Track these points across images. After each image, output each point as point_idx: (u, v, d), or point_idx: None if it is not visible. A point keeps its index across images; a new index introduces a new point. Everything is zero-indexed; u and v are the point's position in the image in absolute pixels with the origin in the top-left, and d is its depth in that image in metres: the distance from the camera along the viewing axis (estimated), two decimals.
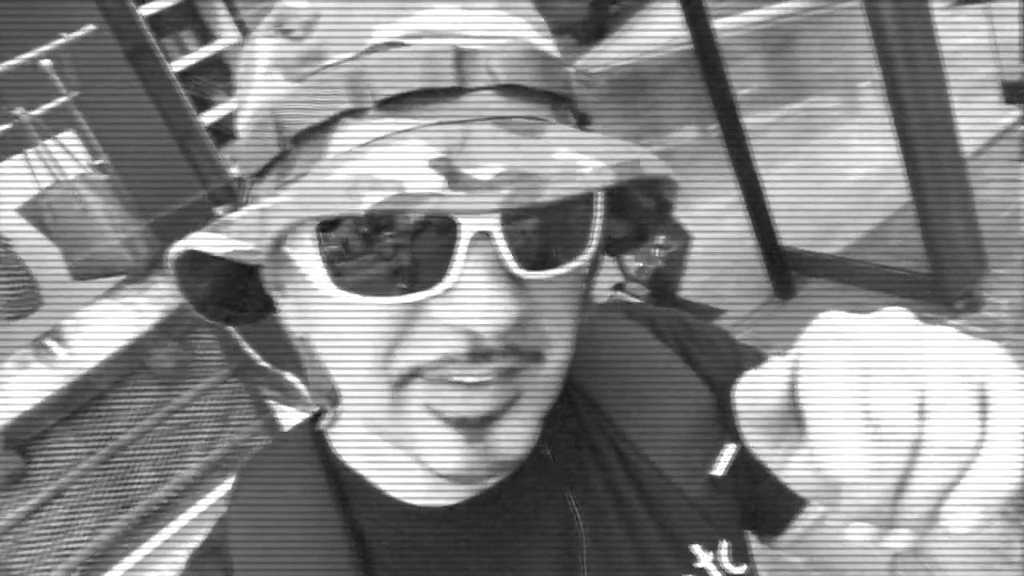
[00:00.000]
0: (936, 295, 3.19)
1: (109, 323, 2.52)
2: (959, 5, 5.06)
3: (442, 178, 0.44)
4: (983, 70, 3.88)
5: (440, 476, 0.54)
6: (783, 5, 7.04)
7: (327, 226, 0.49)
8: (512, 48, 0.50)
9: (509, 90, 0.50)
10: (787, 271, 3.70)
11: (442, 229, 0.47)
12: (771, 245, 3.68)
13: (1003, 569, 0.55)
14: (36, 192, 2.54)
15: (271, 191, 0.52)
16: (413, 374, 0.51)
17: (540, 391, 0.55)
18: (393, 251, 0.48)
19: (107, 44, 2.84)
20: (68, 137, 2.65)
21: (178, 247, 0.52)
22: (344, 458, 0.65)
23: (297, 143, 0.50)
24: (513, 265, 0.48)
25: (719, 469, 0.69)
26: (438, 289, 0.48)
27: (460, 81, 0.48)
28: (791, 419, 0.43)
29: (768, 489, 0.73)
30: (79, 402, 2.43)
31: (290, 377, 2.59)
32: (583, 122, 0.56)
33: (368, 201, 0.43)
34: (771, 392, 0.42)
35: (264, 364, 2.64)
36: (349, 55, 0.49)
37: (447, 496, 0.63)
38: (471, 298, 0.47)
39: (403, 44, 0.49)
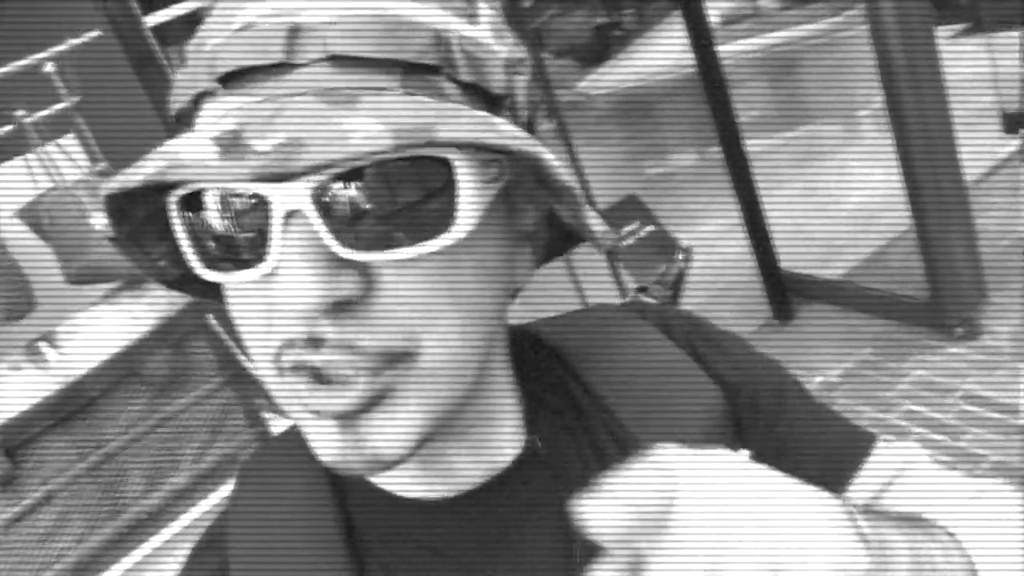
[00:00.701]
0: (935, 322, 3.19)
1: (103, 328, 2.50)
2: (961, 36, 5.10)
3: (217, 149, 0.44)
4: (984, 100, 3.90)
5: (325, 466, 0.53)
6: (782, 34, 7.10)
7: (184, 207, 0.50)
8: (353, 18, 0.49)
9: (344, 61, 0.49)
10: (786, 294, 3.70)
11: (259, 209, 0.47)
12: (770, 268, 3.68)
13: None
14: (34, 196, 2.53)
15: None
16: (277, 363, 0.51)
17: (417, 388, 0.52)
18: (227, 231, 0.49)
19: (111, 50, 2.84)
20: (69, 141, 2.65)
21: (98, 218, 0.53)
22: None
23: (183, 126, 0.53)
24: (333, 244, 0.47)
25: None
26: (263, 268, 0.48)
27: (288, 56, 0.48)
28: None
29: (831, 445, 0.72)
30: (71, 407, 2.41)
31: None
32: (471, 89, 0.53)
33: (143, 172, 0.45)
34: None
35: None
36: (218, 40, 0.50)
37: (438, 490, 0.62)
38: (284, 276, 0.47)
39: (254, 25, 0.49)
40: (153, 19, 3.41)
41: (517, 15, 3.78)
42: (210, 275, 0.51)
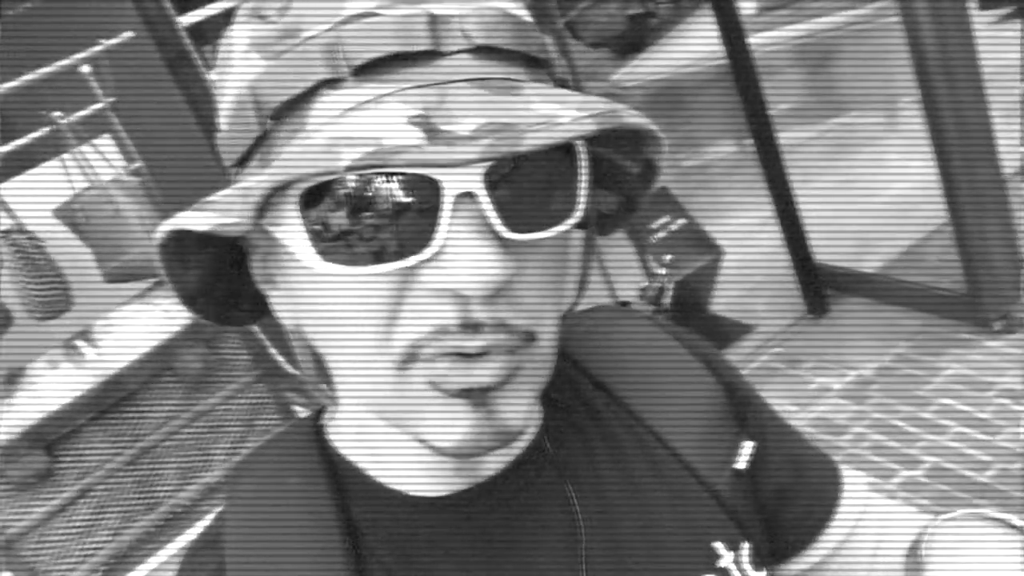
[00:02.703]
0: (973, 316, 3.13)
1: (138, 325, 2.55)
2: (1003, 22, 4.98)
3: (421, 132, 0.44)
4: (1021, 92, 3.81)
5: (443, 452, 0.53)
6: (823, 20, 6.99)
7: (310, 197, 0.48)
8: (486, 12, 0.50)
9: (485, 52, 0.50)
10: (821, 288, 3.65)
11: (425, 192, 0.47)
12: (805, 261, 3.63)
13: None
14: (71, 195, 2.58)
15: (254, 173, 0.51)
16: (412, 354, 0.50)
17: (536, 369, 0.54)
18: (378, 218, 0.48)
19: (146, 51, 2.88)
20: (104, 142, 2.69)
21: (162, 228, 0.52)
22: (342, 451, 0.65)
23: (277, 119, 0.50)
24: (499, 226, 0.47)
25: (741, 463, 0.68)
26: (425, 253, 0.47)
27: (435, 44, 0.48)
28: None
29: (793, 515, 0.72)
30: (107, 403, 2.46)
31: (322, 385, 2.60)
32: (562, 87, 0.55)
33: (347, 158, 0.43)
34: None
35: (290, 369, 2.66)
36: (324, 27, 0.49)
37: (444, 485, 0.62)
38: (458, 259, 0.47)
39: (376, 13, 0.49)
40: (187, 19, 3.45)
41: (546, 8, 3.76)
42: (334, 269, 0.49)
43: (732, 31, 3.33)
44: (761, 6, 7.37)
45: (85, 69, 2.57)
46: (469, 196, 0.47)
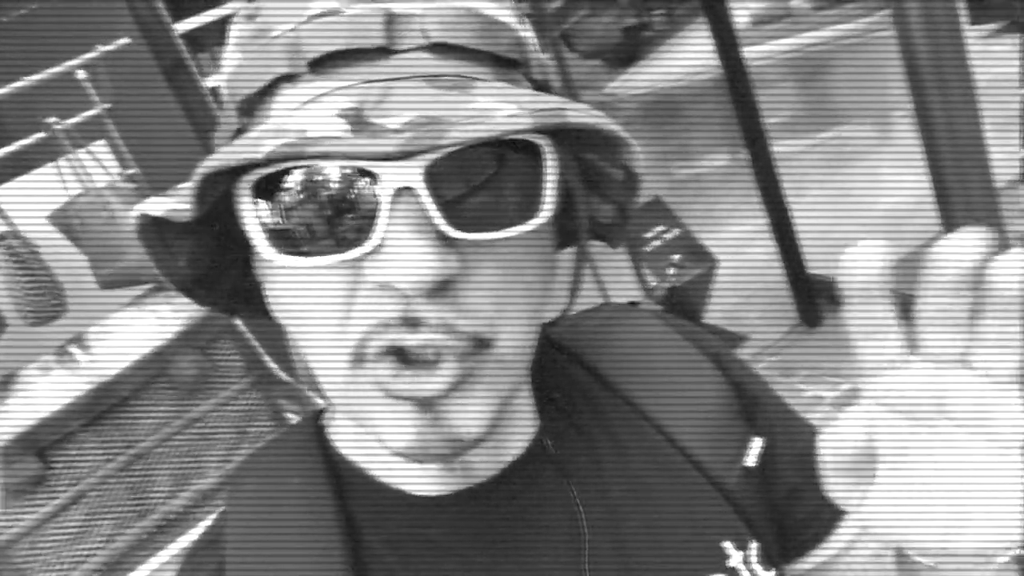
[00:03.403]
0: None
1: (132, 331, 2.54)
2: (995, 36, 5.02)
3: (346, 124, 0.44)
4: (1018, 102, 3.83)
5: (397, 454, 0.52)
6: (816, 33, 7.03)
7: (262, 190, 0.49)
8: (448, 11, 0.50)
9: (443, 49, 0.50)
10: (814, 299, 3.66)
11: (365, 186, 0.47)
12: (798, 272, 3.64)
13: None
14: (65, 200, 2.58)
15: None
16: (362, 350, 0.50)
17: (492, 376, 0.53)
18: (320, 211, 0.48)
19: (142, 56, 2.88)
20: (99, 147, 2.68)
21: (132, 213, 0.53)
22: (343, 451, 0.65)
23: (248, 114, 0.52)
24: (440, 222, 0.47)
25: (750, 460, 0.68)
26: (366, 247, 0.47)
27: (389, 41, 0.49)
28: (866, 464, 0.47)
29: (803, 514, 0.72)
30: (100, 409, 2.45)
31: (309, 390, 2.60)
32: (542, 90, 0.56)
33: (267, 147, 0.44)
34: (852, 443, 0.46)
35: (284, 377, 2.65)
36: (290, 26, 0.51)
37: (444, 485, 0.62)
38: (394, 253, 0.47)
39: (338, 12, 0.50)
40: (183, 26, 3.45)
41: (542, 17, 3.78)
42: (285, 260, 0.49)
43: (727, 43, 3.35)
44: (755, 19, 7.41)
45: (81, 74, 2.57)
46: (408, 191, 0.46)
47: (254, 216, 0.49)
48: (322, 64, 0.49)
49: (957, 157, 2.85)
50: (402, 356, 0.49)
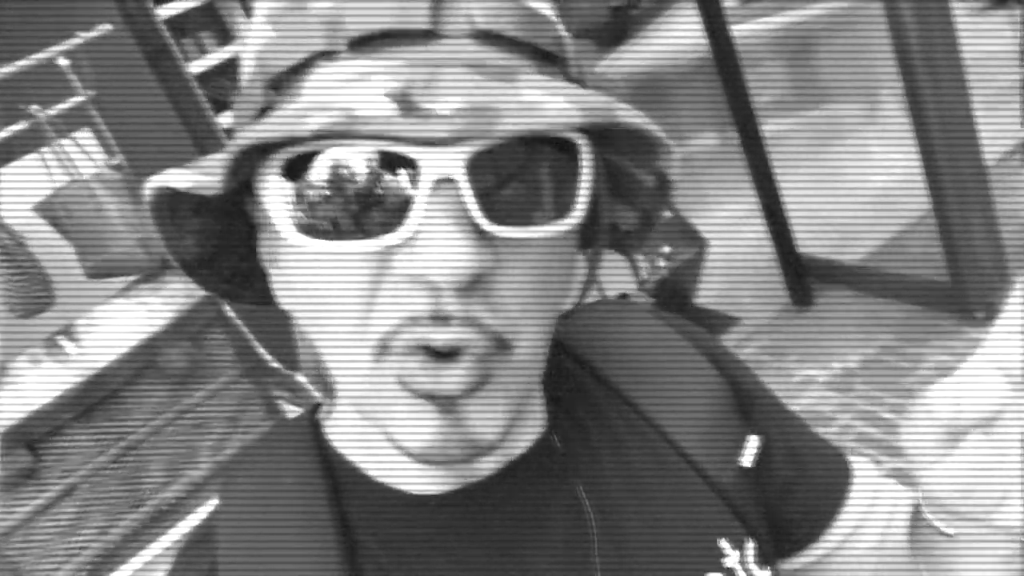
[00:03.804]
0: (956, 305, 3.15)
1: (122, 322, 2.52)
2: (986, 11, 5.01)
3: (395, 106, 0.43)
4: (1008, 77, 3.83)
5: (411, 455, 0.52)
6: (804, 11, 7.00)
7: (293, 168, 0.47)
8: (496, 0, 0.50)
9: (488, 38, 0.49)
10: (805, 279, 3.66)
11: (404, 172, 0.46)
12: (789, 253, 3.65)
13: None
14: (51, 190, 2.55)
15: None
16: (386, 344, 0.49)
17: (510, 379, 0.52)
18: (354, 194, 0.47)
19: (125, 44, 2.85)
20: (84, 136, 2.66)
21: (149, 185, 0.51)
22: (339, 448, 0.64)
23: (277, 90, 0.50)
24: (478, 216, 0.46)
25: (747, 459, 0.68)
26: (399, 236, 0.46)
27: (434, 25, 0.48)
28: (966, 432, 0.46)
29: (794, 513, 0.72)
30: (90, 400, 2.43)
31: (301, 378, 2.59)
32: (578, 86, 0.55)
33: (313, 123, 0.42)
34: (975, 408, 0.45)
35: (275, 365, 2.64)
36: (329, 2, 0.49)
37: (442, 483, 0.61)
38: (430, 245, 0.45)
39: None
40: (166, 11, 3.42)
41: None
42: (311, 243, 0.48)
43: (715, 22, 3.33)
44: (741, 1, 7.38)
45: (63, 62, 2.54)
46: (449, 181, 0.45)
47: (281, 196, 0.48)
48: (363, 43, 0.48)
49: (946, 134, 2.85)
50: (428, 352, 0.49)
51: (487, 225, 0.46)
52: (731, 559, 0.64)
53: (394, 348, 0.49)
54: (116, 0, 2.98)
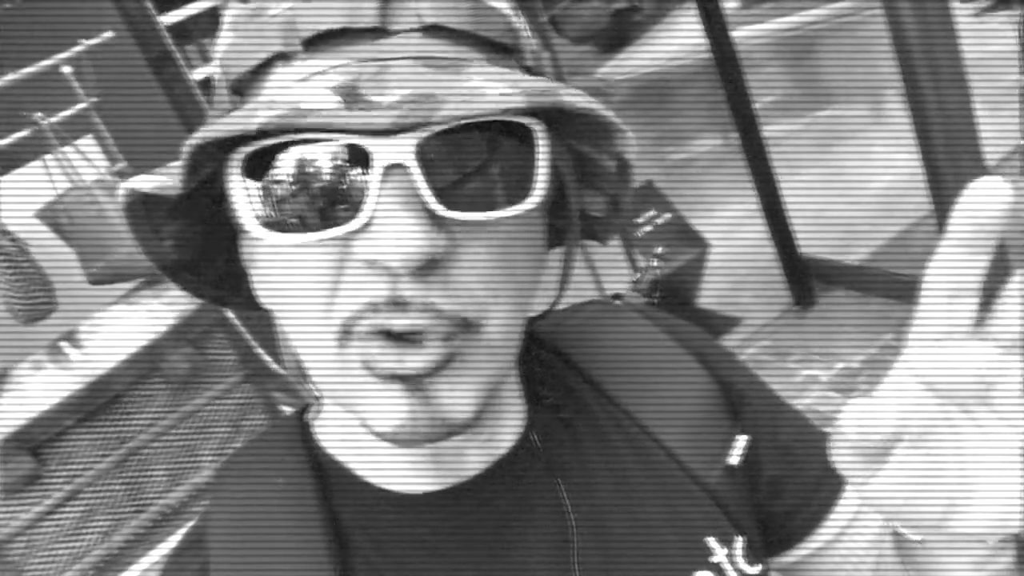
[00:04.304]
0: None
1: (124, 327, 2.53)
2: (987, 12, 5.01)
3: (339, 99, 0.44)
4: (1010, 78, 3.83)
5: (383, 437, 0.52)
6: (806, 13, 7.01)
7: (252, 165, 0.49)
8: None
9: (436, 32, 0.50)
10: (807, 280, 3.66)
11: (356, 162, 0.47)
12: (790, 254, 3.64)
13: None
14: (53, 196, 2.56)
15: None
16: (347, 331, 0.50)
17: (479, 357, 0.53)
18: (310, 186, 0.48)
19: (127, 51, 2.86)
20: (86, 142, 2.67)
21: (119, 190, 0.53)
22: (328, 449, 0.65)
23: (240, 94, 0.52)
24: (431, 200, 0.47)
25: (735, 458, 0.68)
26: (355, 224, 0.47)
27: (383, 22, 0.49)
28: (889, 446, 0.45)
29: (784, 510, 0.71)
30: (93, 405, 2.44)
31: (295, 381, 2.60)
32: (532, 75, 0.55)
33: (260, 118, 0.43)
34: (884, 427, 0.44)
35: (277, 369, 2.65)
36: (286, 5, 0.51)
37: (430, 482, 0.61)
38: (383, 229, 0.46)
39: None
40: (169, 18, 3.43)
41: (531, 2, 3.77)
42: (274, 237, 0.49)
43: (716, 25, 3.33)
44: (744, 2, 7.39)
45: (66, 69, 2.55)
46: (399, 167, 0.46)
47: (243, 192, 0.49)
48: (316, 43, 0.50)
49: (948, 135, 2.84)
50: (389, 335, 0.49)
51: (440, 210, 0.47)
52: (719, 555, 0.64)
53: (356, 333, 0.50)
54: (120, 7, 3.00)
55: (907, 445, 0.45)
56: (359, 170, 0.47)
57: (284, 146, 0.48)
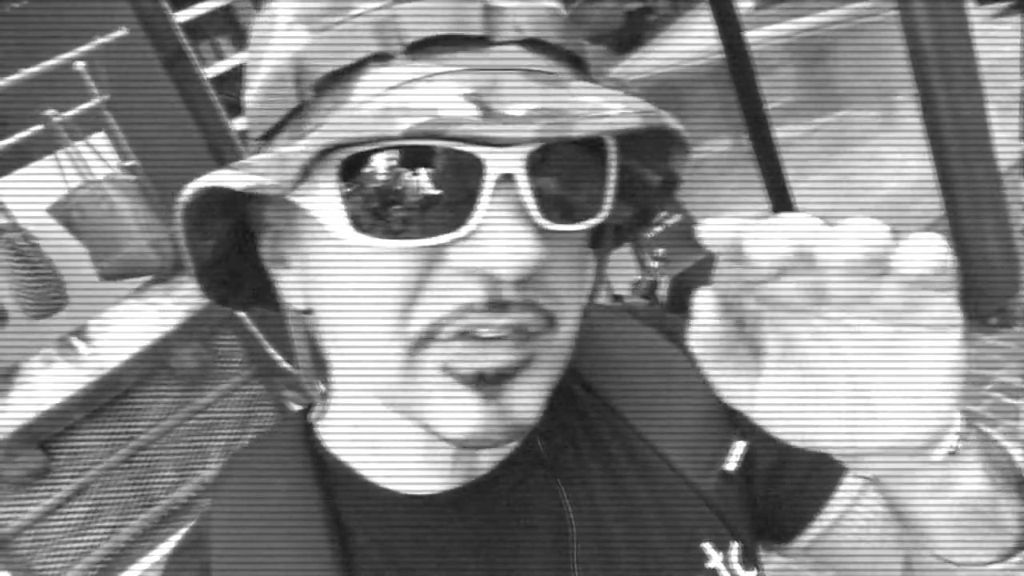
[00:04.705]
0: (969, 310, 3.13)
1: (134, 323, 2.54)
2: (1003, 16, 4.98)
3: (476, 108, 0.45)
4: (1021, 82, 3.80)
5: (452, 442, 0.53)
6: (819, 15, 6.98)
7: (349, 168, 0.48)
8: (538, 8, 0.52)
9: (534, 45, 0.51)
10: None
11: (467, 171, 0.47)
12: None
13: (994, 536, 0.53)
14: (65, 192, 2.58)
15: (286, 143, 0.51)
16: (430, 335, 0.51)
17: (553, 357, 0.55)
18: (417, 193, 0.48)
19: (141, 47, 2.88)
20: (98, 139, 2.68)
21: (194, 185, 0.51)
22: (333, 449, 0.64)
23: (319, 91, 0.51)
24: (535, 212, 0.48)
25: (731, 464, 0.68)
26: (461, 232, 0.48)
27: (488, 31, 0.50)
28: (740, 347, 0.45)
29: (786, 491, 0.71)
30: (102, 400, 2.46)
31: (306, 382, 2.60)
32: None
33: (403, 124, 0.44)
34: (708, 325, 0.44)
35: (286, 366, 2.66)
36: (379, 4, 0.50)
37: (436, 483, 0.62)
38: (494, 240, 0.47)
39: None
40: (183, 15, 3.45)
41: None
42: (368, 241, 0.49)
43: (729, 27, 3.33)
44: (758, 3, 7.37)
45: (79, 66, 2.56)
46: (509, 179, 0.47)
47: (336, 195, 0.49)
48: (418, 47, 0.49)
49: (960, 140, 2.83)
50: (473, 336, 0.50)
51: (541, 220, 0.49)
52: (714, 560, 0.65)
53: (441, 336, 0.50)
54: (134, 4, 3.01)
55: (775, 355, 0.45)
56: (469, 179, 0.47)
57: (386, 150, 0.48)
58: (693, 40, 7.16)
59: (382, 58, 0.49)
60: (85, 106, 2.61)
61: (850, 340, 0.43)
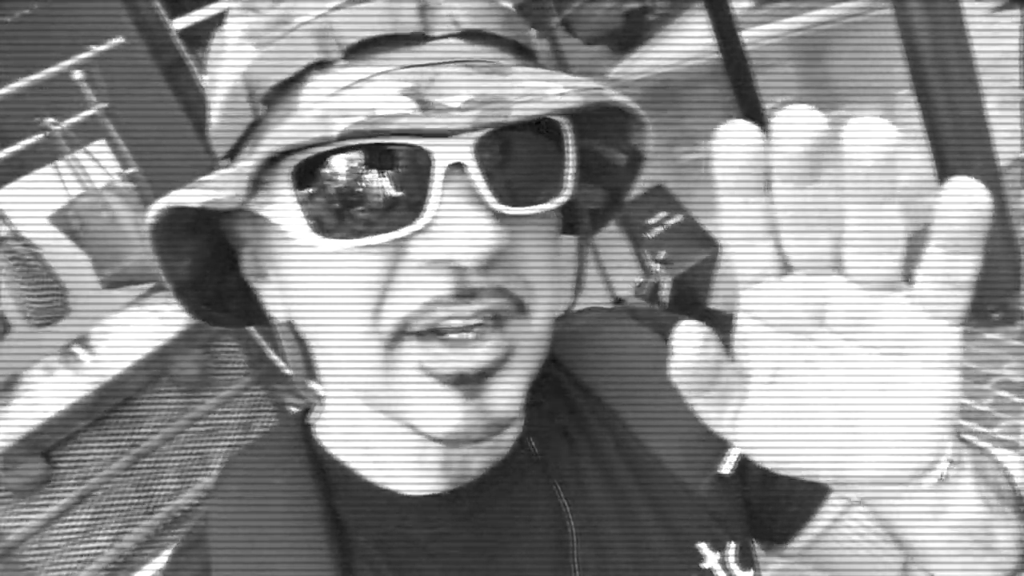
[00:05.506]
0: (971, 307, 3.12)
1: (135, 330, 2.55)
2: (1002, 10, 4.97)
3: (413, 103, 0.45)
4: (1020, 79, 3.80)
5: (434, 439, 0.53)
6: (817, 13, 6.97)
7: (303, 173, 0.49)
8: (474, 0, 0.52)
9: (473, 36, 0.51)
10: None
11: (416, 163, 0.48)
12: None
13: (989, 558, 0.52)
14: (66, 201, 2.58)
15: (244, 158, 0.52)
16: (403, 330, 0.51)
17: (531, 348, 0.55)
18: (369, 190, 0.49)
19: (138, 56, 2.88)
20: (98, 147, 2.69)
21: (156, 206, 0.52)
22: (331, 450, 0.65)
23: (269, 104, 0.52)
24: (489, 197, 0.49)
25: (726, 467, 0.68)
26: (417, 224, 0.48)
27: (424, 28, 0.50)
28: (724, 379, 0.43)
29: (781, 493, 0.71)
30: (104, 408, 2.46)
31: (313, 384, 2.61)
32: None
33: (340, 126, 0.44)
34: (691, 357, 0.42)
35: (287, 372, 2.66)
36: (316, 13, 0.51)
37: (432, 483, 0.62)
38: (451, 228, 0.48)
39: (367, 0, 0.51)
40: (181, 23, 3.45)
41: (543, 3, 3.77)
42: (330, 244, 0.49)
43: (724, 27, 3.33)
44: (757, 1, 7.36)
45: (77, 75, 2.57)
46: (459, 167, 0.48)
47: (293, 201, 0.50)
48: (357, 51, 0.50)
49: (959, 136, 2.83)
50: (442, 335, 0.51)
51: (496, 205, 0.49)
52: (710, 560, 0.65)
53: (412, 332, 0.51)
54: (132, 12, 3.01)
55: (761, 383, 0.44)
56: (419, 171, 0.48)
57: (335, 152, 0.48)
58: (692, 39, 7.16)
59: (323, 65, 0.50)
60: (84, 114, 2.62)
61: (842, 369, 0.42)
